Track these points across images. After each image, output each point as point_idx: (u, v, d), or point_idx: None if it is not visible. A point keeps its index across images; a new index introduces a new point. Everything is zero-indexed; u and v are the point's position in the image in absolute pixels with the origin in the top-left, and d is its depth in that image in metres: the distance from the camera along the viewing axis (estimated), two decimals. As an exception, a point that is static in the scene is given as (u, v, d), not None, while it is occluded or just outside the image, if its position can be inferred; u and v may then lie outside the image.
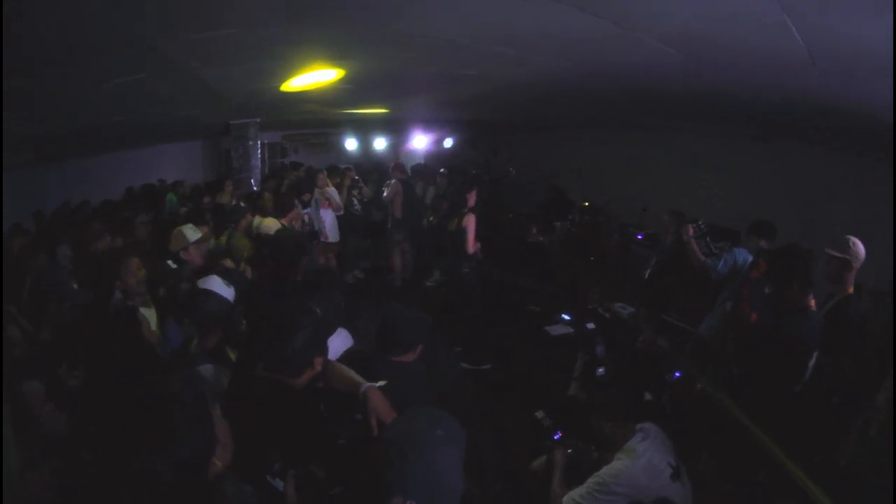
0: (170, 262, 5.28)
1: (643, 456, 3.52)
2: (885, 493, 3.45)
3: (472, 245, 7.46)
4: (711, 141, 9.51)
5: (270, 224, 6.79)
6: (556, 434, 4.19)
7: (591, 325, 7.38)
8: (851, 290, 4.58)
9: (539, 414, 4.28)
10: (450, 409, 2.05)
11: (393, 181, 10.07)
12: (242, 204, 7.95)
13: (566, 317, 7.96)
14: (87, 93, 5.13)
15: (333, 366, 3.04)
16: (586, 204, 12.34)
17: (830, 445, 4.15)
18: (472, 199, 7.54)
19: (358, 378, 2.93)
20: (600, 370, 5.07)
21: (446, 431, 1.85)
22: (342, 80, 6.09)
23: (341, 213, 9.68)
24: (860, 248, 4.58)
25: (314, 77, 5.82)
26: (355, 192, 10.21)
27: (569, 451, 3.96)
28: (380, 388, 2.76)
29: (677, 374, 5.63)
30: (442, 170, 11.85)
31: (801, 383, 4.12)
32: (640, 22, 3.48)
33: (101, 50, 3.76)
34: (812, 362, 4.10)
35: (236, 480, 1.99)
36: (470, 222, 7.44)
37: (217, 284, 3.89)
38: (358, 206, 10.08)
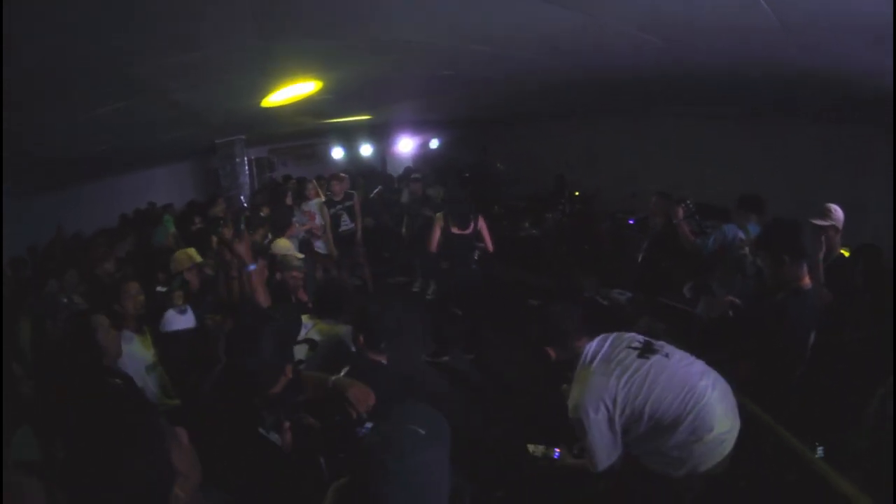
0: (159, 287, 5.25)
1: (589, 366, 3.53)
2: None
3: (490, 244, 7.72)
4: (697, 122, 9.57)
5: (284, 246, 6.59)
6: (556, 453, 4.16)
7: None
8: (839, 251, 4.89)
9: (532, 447, 4.23)
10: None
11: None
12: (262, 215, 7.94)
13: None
14: (70, 123, 5.14)
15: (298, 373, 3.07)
16: (577, 193, 12.36)
17: (845, 426, 4.16)
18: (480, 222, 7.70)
19: (323, 376, 2.98)
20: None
21: (429, 429, 1.76)
22: (322, 91, 6.10)
23: (321, 233, 9.59)
24: (839, 212, 4.87)
25: (294, 90, 5.83)
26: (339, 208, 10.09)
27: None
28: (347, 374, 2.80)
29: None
30: (415, 175, 11.81)
31: (803, 364, 4.12)
32: (608, 9, 3.50)
33: (80, 80, 3.78)
34: (812, 341, 4.10)
35: None
36: (483, 225, 7.65)
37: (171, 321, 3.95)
38: (348, 221, 9.96)
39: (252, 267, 3.54)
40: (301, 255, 6.52)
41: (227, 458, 2.32)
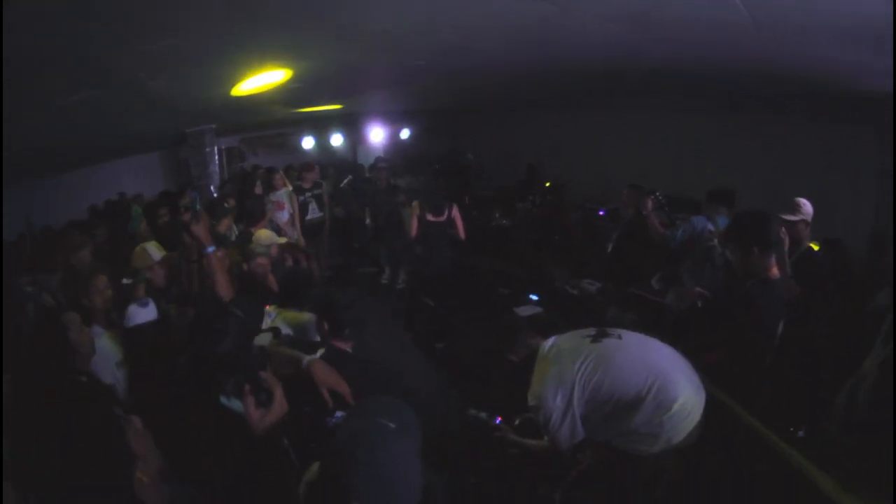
0: (125, 280, 5.17)
1: (547, 357, 3.68)
2: (876, 461, 3.52)
3: (461, 231, 8.05)
4: (669, 115, 9.66)
5: (264, 237, 6.48)
6: (497, 419, 4.24)
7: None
8: (809, 244, 4.98)
9: (473, 412, 4.30)
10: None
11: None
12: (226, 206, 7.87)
13: (534, 297, 8.05)
14: (37, 113, 5.07)
15: (271, 352, 3.08)
16: (547, 184, 12.41)
17: (815, 414, 4.25)
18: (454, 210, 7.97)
19: (298, 353, 2.99)
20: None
21: (399, 422, 1.74)
22: (292, 80, 6.07)
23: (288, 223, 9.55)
24: (809, 206, 4.97)
25: (263, 79, 5.80)
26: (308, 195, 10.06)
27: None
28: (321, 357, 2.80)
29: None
30: (381, 163, 11.86)
31: (772, 353, 4.20)
32: (579, 1, 3.53)
33: (46, 69, 3.73)
34: (780, 330, 4.18)
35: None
36: (457, 215, 7.98)
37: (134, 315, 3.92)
38: (315, 210, 9.95)
39: (211, 249, 3.53)
40: (282, 240, 6.53)
41: (191, 440, 2.32)
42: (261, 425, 2.09)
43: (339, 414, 3.07)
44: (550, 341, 3.82)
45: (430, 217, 7.76)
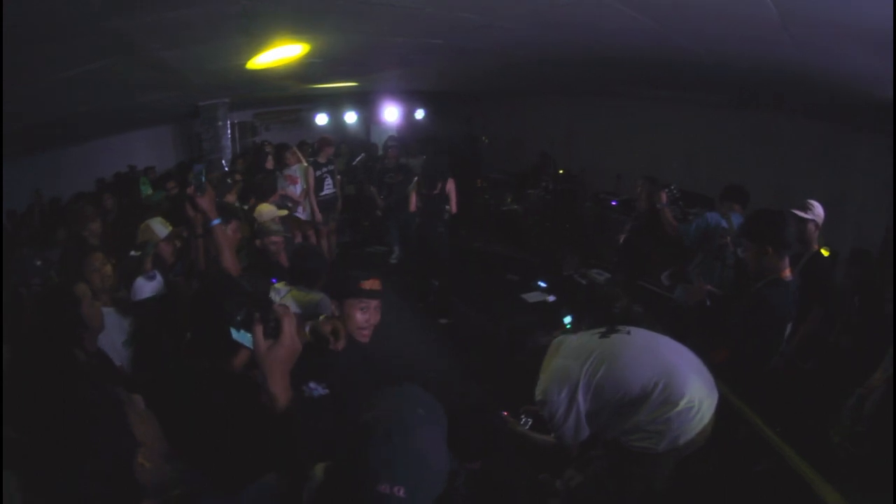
0: (133, 252, 5.10)
1: (555, 354, 3.68)
2: (881, 471, 3.48)
3: (454, 206, 8.19)
4: (686, 108, 9.56)
5: (265, 211, 6.51)
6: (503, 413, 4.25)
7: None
8: (817, 247, 4.92)
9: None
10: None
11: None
12: (229, 181, 7.86)
13: (542, 284, 8.02)
14: (49, 83, 5.03)
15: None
16: (561, 171, 12.34)
17: (819, 419, 4.22)
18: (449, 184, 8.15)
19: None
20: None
21: (426, 410, 1.73)
22: (308, 55, 6.02)
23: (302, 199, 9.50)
24: (820, 209, 4.94)
25: (279, 53, 5.75)
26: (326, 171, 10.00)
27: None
28: None
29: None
30: (392, 143, 11.87)
31: (777, 354, 4.16)
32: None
33: (59, 38, 3.69)
34: (788, 332, 4.14)
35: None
36: (452, 189, 8.10)
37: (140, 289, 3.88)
38: (331, 185, 9.90)
39: (216, 221, 3.48)
40: (282, 212, 6.47)
41: (197, 419, 2.26)
42: (268, 358, 1.95)
43: (312, 384, 3.07)
44: (560, 337, 3.83)
45: (424, 191, 8.02)
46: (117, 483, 1.70)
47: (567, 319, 7.30)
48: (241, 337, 2.01)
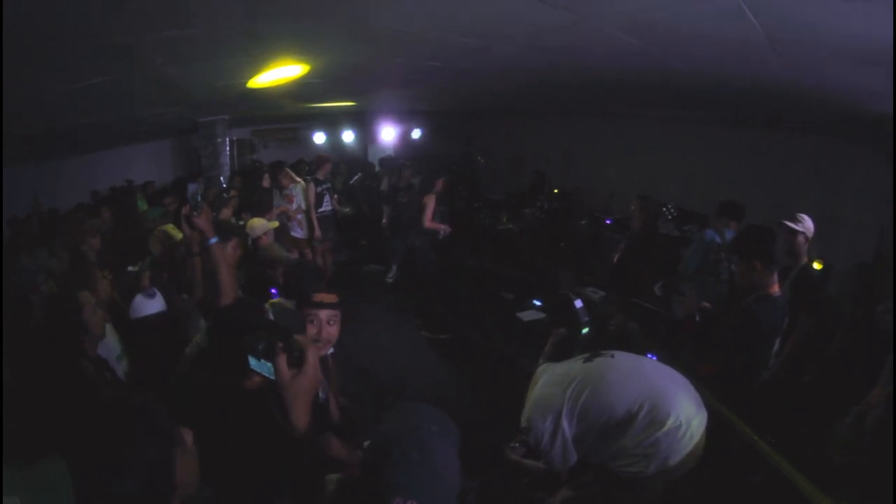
0: (130, 267, 5.11)
1: (539, 382, 3.75)
2: (881, 486, 3.49)
3: (428, 219, 8.12)
4: (682, 127, 9.66)
5: (257, 225, 6.54)
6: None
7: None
8: (806, 259, 5.05)
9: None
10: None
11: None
12: (225, 196, 7.89)
13: (537, 302, 8.07)
14: (51, 95, 5.07)
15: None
16: (556, 191, 12.42)
17: (816, 431, 4.26)
18: (439, 184, 8.20)
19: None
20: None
21: (440, 427, 1.77)
22: (308, 75, 6.09)
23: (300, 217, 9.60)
24: (810, 222, 5.05)
25: (280, 73, 5.82)
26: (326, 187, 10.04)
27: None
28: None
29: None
30: (405, 163, 11.86)
31: (765, 369, 4.21)
32: (595, 10, 3.53)
33: (66, 50, 3.75)
34: (776, 348, 4.19)
35: None
36: (430, 200, 8.08)
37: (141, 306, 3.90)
38: (328, 203, 9.94)
39: (214, 240, 3.52)
40: (273, 224, 6.56)
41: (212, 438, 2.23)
42: (291, 388, 1.99)
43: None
44: (544, 365, 3.91)
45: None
46: None
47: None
48: (261, 367, 2.03)
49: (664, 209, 6.33)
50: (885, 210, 6.19)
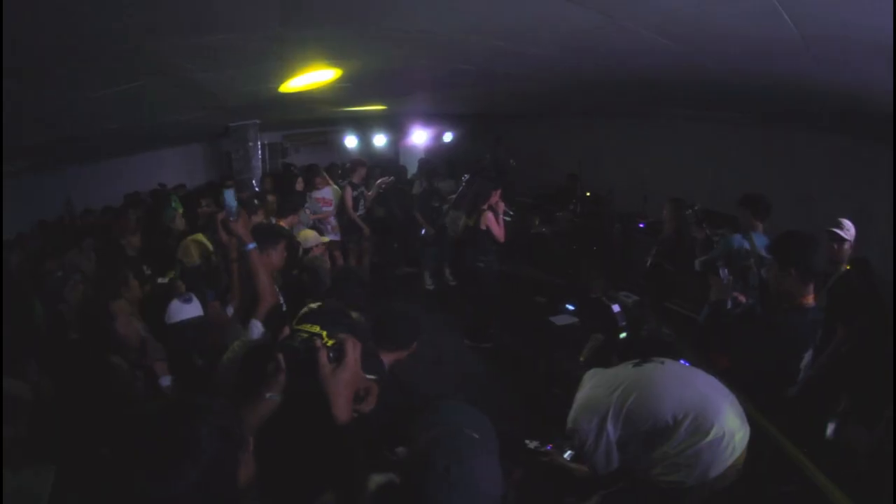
0: (160, 279, 5.11)
1: (587, 385, 3.77)
2: None
3: (501, 236, 7.80)
4: (711, 127, 9.54)
5: (310, 237, 6.65)
6: (549, 446, 4.22)
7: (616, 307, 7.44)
8: (847, 266, 4.95)
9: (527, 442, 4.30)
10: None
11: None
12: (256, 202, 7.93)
13: (570, 307, 7.99)
14: (83, 100, 5.12)
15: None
16: (588, 194, 12.32)
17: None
18: (495, 197, 7.78)
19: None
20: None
21: (481, 433, 1.77)
22: (340, 79, 6.09)
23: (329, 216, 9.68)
24: (853, 228, 4.98)
25: (312, 77, 5.83)
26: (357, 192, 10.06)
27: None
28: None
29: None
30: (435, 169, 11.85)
31: (794, 383, 4.08)
32: (627, 11, 3.48)
33: (95, 56, 3.76)
34: (805, 361, 4.04)
35: None
36: (490, 220, 7.70)
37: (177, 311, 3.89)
38: (362, 206, 9.99)
39: (251, 246, 3.50)
40: (325, 239, 6.57)
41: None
42: (332, 382, 1.98)
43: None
44: (594, 369, 3.91)
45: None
46: None
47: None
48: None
49: (688, 211, 6.22)
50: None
